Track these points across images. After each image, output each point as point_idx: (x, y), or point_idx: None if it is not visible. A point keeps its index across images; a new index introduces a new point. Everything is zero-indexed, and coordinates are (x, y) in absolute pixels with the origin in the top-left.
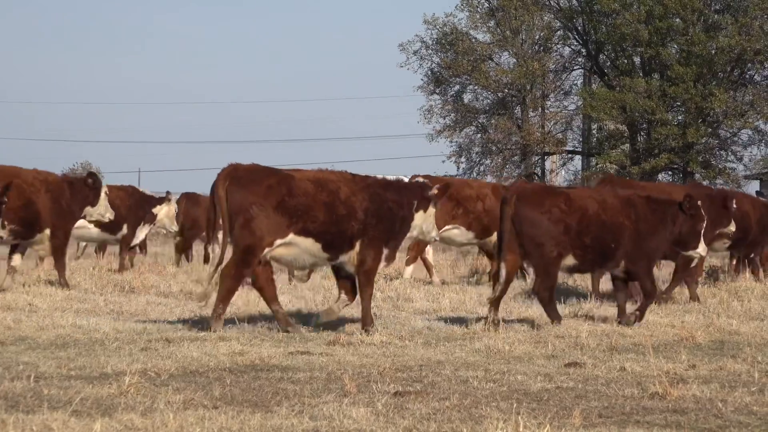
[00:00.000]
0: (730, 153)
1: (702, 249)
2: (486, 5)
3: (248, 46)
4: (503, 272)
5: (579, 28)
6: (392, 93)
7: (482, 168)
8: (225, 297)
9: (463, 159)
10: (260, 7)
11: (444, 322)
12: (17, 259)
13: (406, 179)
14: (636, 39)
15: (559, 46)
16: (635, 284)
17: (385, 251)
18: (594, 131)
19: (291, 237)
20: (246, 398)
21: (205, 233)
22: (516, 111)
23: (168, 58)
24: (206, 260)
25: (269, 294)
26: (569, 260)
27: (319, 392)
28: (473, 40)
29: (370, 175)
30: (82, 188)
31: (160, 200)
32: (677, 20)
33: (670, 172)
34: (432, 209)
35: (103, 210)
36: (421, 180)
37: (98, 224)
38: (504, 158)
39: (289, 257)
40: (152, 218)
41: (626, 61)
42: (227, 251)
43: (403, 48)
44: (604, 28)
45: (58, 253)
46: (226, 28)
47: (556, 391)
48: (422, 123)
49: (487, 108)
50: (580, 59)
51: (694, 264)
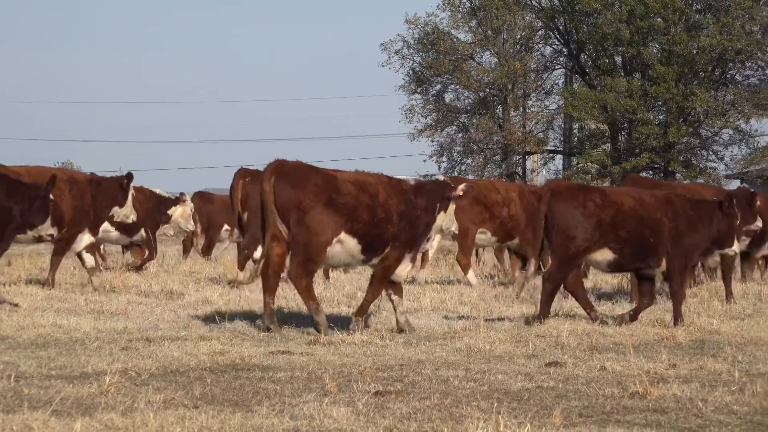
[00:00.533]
0: (711, 152)
1: (736, 246)
2: (467, 5)
3: (227, 46)
4: (531, 269)
5: (560, 28)
6: (373, 92)
7: (463, 167)
8: (309, 295)
9: (445, 158)
10: (242, 7)
11: (425, 322)
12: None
13: (441, 177)
14: (617, 38)
15: (541, 46)
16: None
17: (409, 255)
18: (575, 131)
19: (342, 235)
20: (226, 398)
21: (237, 229)
22: (497, 110)
23: (148, 59)
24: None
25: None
26: (606, 254)
27: (300, 392)
28: (455, 40)
29: (401, 179)
30: (112, 188)
31: (175, 201)
32: (659, 20)
33: (651, 172)
34: (451, 206)
35: (129, 211)
36: (443, 179)
37: (117, 226)
38: (485, 158)
39: (329, 255)
40: (167, 219)
41: (607, 61)
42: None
43: (385, 47)
44: (586, 28)
45: (60, 250)
46: (204, 29)
47: (537, 391)
48: (403, 122)
49: (469, 107)
50: (562, 59)
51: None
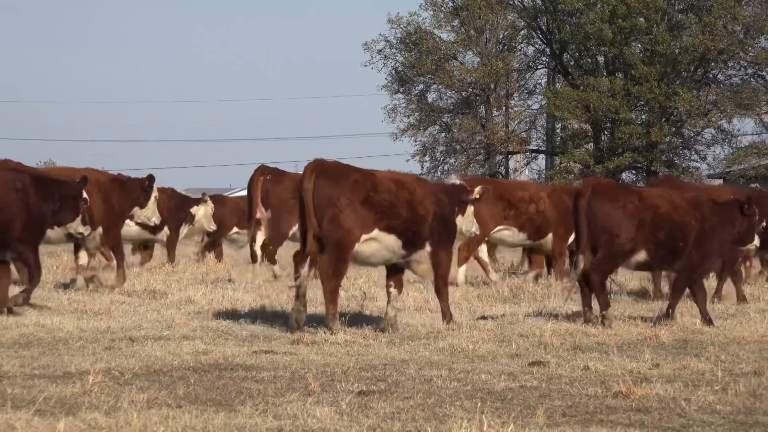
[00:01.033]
0: (694, 152)
1: (757, 240)
2: (450, 4)
3: (204, 46)
4: (580, 265)
5: (543, 28)
6: (356, 92)
7: (446, 167)
8: (332, 298)
9: (427, 158)
10: (220, 6)
11: (408, 321)
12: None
13: (457, 180)
14: (600, 38)
15: (523, 46)
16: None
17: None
18: (558, 130)
19: (375, 232)
20: (210, 397)
21: (250, 227)
22: (480, 110)
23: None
24: (254, 259)
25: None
26: (641, 255)
27: (283, 391)
28: (437, 40)
29: (428, 179)
30: (135, 189)
31: (197, 201)
32: (641, 19)
33: (634, 171)
34: (470, 209)
35: (150, 213)
36: (459, 182)
37: (140, 224)
38: (468, 157)
39: (368, 253)
40: (191, 218)
41: (590, 61)
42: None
43: (367, 47)
44: (568, 28)
45: (115, 249)
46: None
47: (520, 390)
48: (386, 122)
49: (451, 107)
50: (544, 58)
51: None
